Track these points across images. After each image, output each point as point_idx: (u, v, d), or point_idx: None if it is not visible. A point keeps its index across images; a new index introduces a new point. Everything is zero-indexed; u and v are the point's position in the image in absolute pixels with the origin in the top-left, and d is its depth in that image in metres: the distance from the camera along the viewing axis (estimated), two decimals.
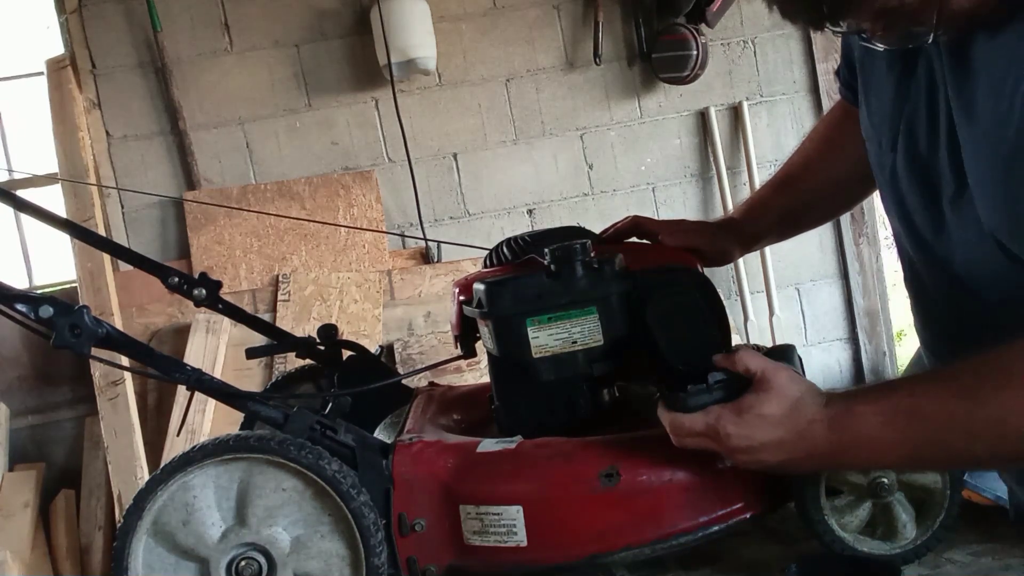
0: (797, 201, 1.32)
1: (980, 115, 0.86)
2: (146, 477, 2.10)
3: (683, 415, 0.91)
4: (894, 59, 0.98)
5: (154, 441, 2.88)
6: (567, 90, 3.30)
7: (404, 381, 1.34)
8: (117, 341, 1.01)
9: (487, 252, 1.17)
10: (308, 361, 1.40)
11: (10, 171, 3.27)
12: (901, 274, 1.10)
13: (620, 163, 3.34)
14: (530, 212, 3.32)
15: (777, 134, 3.38)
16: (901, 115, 0.99)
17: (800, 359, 1.44)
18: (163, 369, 1.01)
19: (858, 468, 0.94)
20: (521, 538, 0.92)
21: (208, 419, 2.83)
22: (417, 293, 3.16)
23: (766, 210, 1.33)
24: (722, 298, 1.07)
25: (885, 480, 0.92)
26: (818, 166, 1.31)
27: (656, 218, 1.31)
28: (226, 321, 2.95)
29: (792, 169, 1.34)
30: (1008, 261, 0.87)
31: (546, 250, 1.02)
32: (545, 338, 1.00)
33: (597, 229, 1.21)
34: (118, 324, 2.88)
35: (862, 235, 3.41)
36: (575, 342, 1.00)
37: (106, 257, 2.92)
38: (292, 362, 1.96)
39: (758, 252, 3.28)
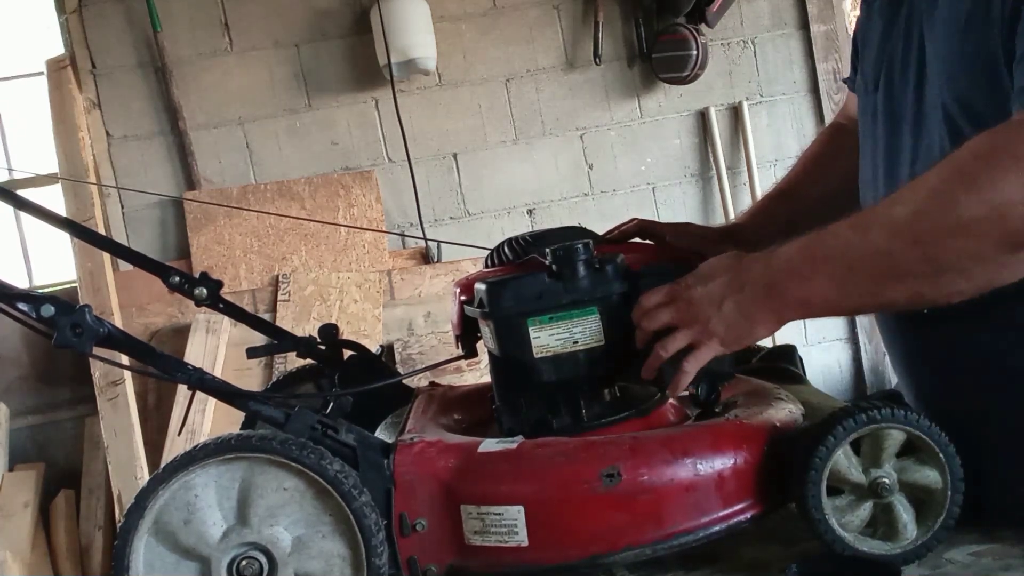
0: (798, 210, 1.34)
1: (942, 9, 0.97)
2: (146, 477, 2.10)
3: (646, 293, 1.00)
4: (883, 13, 1.10)
5: (154, 441, 2.89)
6: (567, 90, 3.31)
7: (404, 381, 1.34)
8: (119, 340, 1.01)
9: (487, 252, 1.17)
10: (309, 361, 1.40)
11: (10, 171, 3.27)
12: None
13: (620, 163, 3.34)
14: (530, 212, 3.32)
15: (777, 134, 3.38)
16: (884, 57, 1.08)
17: (800, 359, 1.44)
18: (164, 369, 1.01)
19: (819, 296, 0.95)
20: (522, 538, 0.92)
21: (208, 419, 2.83)
22: (417, 293, 3.16)
23: (770, 218, 1.35)
24: None
25: (886, 480, 0.92)
26: (814, 179, 1.35)
27: (660, 220, 1.32)
28: (226, 321, 2.95)
29: (791, 181, 1.38)
30: None
31: (547, 250, 1.02)
32: (546, 338, 1.00)
33: (597, 229, 1.21)
34: (118, 324, 2.88)
35: None
36: (576, 342, 1.00)
37: (106, 257, 2.92)
38: (292, 362, 1.96)
39: None
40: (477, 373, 2.69)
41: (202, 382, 1.00)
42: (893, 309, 1.06)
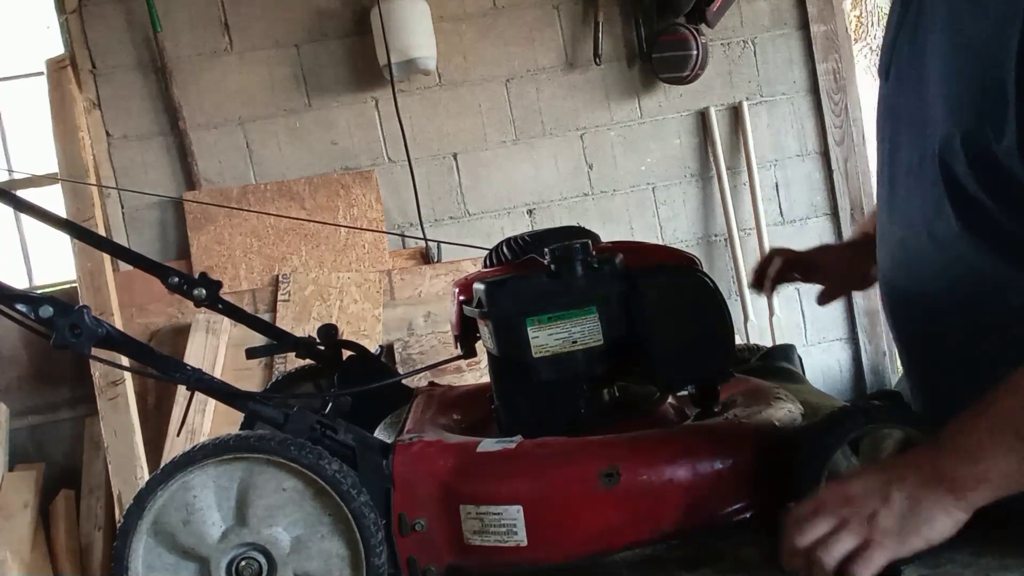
0: None
1: (950, 19, 0.95)
2: (146, 477, 2.10)
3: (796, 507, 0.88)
4: (902, 1, 1.08)
5: (154, 441, 2.89)
6: (567, 90, 3.31)
7: (404, 381, 1.34)
8: (117, 341, 1.01)
9: (487, 252, 1.17)
10: (308, 361, 1.40)
11: (10, 171, 3.27)
12: None
13: (620, 163, 3.34)
14: (530, 212, 3.32)
15: (777, 134, 3.38)
16: (894, 46, 1.07)
17: (800, 358, 1.45)
18: (163, 369, 1.01)
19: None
20: (521, 538, 0.92)
21: (208, 419, 2.83)
22: (417, 293, 3.16)
23: None
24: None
25: None
26: None
27: (794, 249, 1.40)
28: (226, 321, 2.95)
29: None
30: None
31: (546, 250, 1.02)
32: (545, 338, 1.00)
33: (597, 229, 1.21)
34: (118, 324, 2.88)
35: None
36: (575, 342, 1.00)
37: (106, 257, 2.92)
38: (292, 362, 1.96)
39: (757, 252, 3.28)
40: (477, 373, 2.69)
41: (200, 382, 1.00)
42: None
